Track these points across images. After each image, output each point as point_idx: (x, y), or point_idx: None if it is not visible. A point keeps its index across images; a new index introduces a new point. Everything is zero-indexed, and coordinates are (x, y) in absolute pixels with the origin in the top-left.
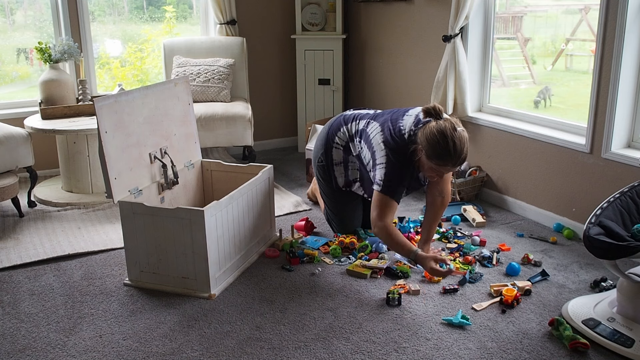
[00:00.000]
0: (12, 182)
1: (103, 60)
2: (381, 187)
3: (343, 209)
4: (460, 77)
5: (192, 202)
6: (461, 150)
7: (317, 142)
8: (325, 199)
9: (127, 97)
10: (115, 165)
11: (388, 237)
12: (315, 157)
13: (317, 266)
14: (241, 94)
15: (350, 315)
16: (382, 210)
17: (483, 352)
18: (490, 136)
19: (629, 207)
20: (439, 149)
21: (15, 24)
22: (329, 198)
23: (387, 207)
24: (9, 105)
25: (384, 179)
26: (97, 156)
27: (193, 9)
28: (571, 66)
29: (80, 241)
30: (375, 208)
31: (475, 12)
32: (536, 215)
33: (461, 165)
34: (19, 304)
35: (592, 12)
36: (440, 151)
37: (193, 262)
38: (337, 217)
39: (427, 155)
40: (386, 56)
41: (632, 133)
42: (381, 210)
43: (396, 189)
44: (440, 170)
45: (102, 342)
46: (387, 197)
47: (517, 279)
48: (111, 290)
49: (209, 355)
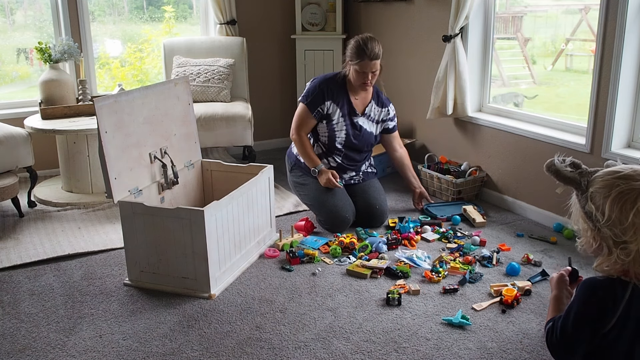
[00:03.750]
0: (12, 182)
1: (103, 61)
2: (302, 98)
3: (325, 200)
4: (460, 77)
5: (192, 202)
6: (372, 46)
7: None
8: (307, 199)
9: (127, 97)
10: (115, 165)
11: (300, 147)
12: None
13: (317, 266)
14: (241, 94)
15: (350, 315)
16: (299, 124)
17: (483, 352)
18: (490, 136)
19: None
20: (355, 48)
21: (15, 24)
22: (308, 196)
23: (304, 120)
24: (9, 105)
25: (306, 93)
26: (97, 156)
27: (193, 9)
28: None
29: (80, 241)
30: (295, 120)
31: (475, 12)
32: (536, 215)
33: (376, 59)
34: (19, 304)
35: (592, 12)
36: (355, 50)
37: (193, 262)
38: (324, 210)
39: (350, 59)
40: (386, 56)
41: (632, 133)
42: (299, 123)
43: (316, 102)
44: (363, 68)
45: (102, 342)
46: (306, 108)
47: (517, 279)
48: (111, 290)
49: (209, 355)
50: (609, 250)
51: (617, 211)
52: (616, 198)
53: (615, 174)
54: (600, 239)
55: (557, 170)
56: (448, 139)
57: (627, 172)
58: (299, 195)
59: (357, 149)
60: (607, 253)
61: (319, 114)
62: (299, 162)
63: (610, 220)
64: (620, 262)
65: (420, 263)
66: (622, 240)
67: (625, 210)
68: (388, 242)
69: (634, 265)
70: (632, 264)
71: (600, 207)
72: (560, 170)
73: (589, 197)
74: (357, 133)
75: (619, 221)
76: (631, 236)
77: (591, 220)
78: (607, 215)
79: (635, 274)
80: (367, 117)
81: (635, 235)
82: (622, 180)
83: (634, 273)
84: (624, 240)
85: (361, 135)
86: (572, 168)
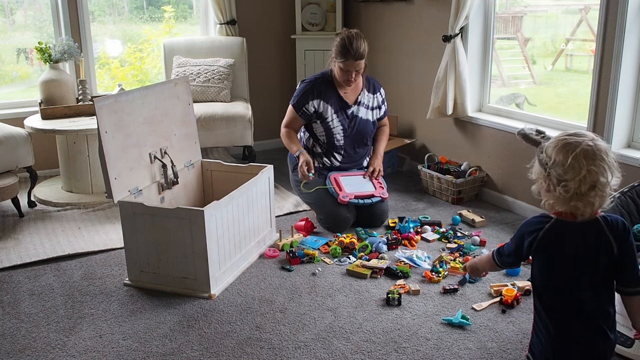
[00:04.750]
0: (12, 182)
1: (103, 61)
2: (291, 100)
3: (325, 200)
4: (460, 77)
5: (192, 202)
6: (357, 45)
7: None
8: (308, 198)
9: (127, 97)
10: (115, 165)
11: (285, 138)
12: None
13: (317, 266)
14: (241, 94)
15: (350, 315)
16: (287, 123)
17: (483, 352)
18: (490, 136)
19: (629, 207)
20: (340, 46)
21: (15, 24)
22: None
23: (292, 120)
24: (9, 105)
25: (294, 95)
26: (97, 156)
27: (193, 9)
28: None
29: (80, 241)
30: (285, 117)
31: (475, 12)
32: None
33: (361, 59)
34: (19, 304)
35: (592, 12)
36: (341, 48)
37: (193, 262)
38: (324, 210)
39: (335, 56)
40: (386, 56)
41: (632, 133)
42: (287, 122)
43: (301, 103)
44: (347, 67)
45: (102, 342)
46: (293, 109)
47: (517, 279)
48: (111, 290)
49: (209, 355)
50: (554, 187)
51: (561, 156)
52: (561, 147)
53: (565, 133)
54: (549, 180)
55: (525, 134)
56: (448, 139)
57: (573, 132)
58: (300, 194)
59: (357, 141)
60: (552, 190)
61: (305, 114)
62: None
63: (555, 163)
64: (562, 198)
65: (420, 263)
66: (563, 178)
67: (566, 155)
68: (388, 242)
69: (572, 200)
70: (571, 200)
71: (549, 154)
72: (527, 134)
73: (544, 149)
74: (352, 124)
75: (561, 164)
76: (570, 176)
77: (543, 167)
78: (552, 159)
79: (572, 209)
80: (361, 104)
81: (573, 176)
82: (568, 136)
83: (572, 208)
84: (565, 178)
85: (357, 124)
86: (537, 133)
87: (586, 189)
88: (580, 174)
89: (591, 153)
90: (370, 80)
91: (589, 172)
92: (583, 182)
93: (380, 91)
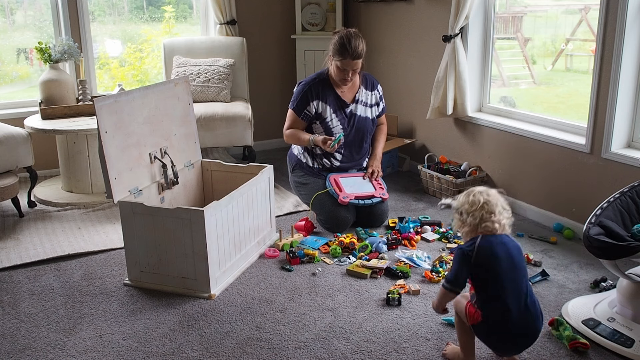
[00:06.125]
0: (12, 182)
1: (103, 61)
2: (290, 103)
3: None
4: (460, 77)
5: (192, 202)
6: (356, 45)
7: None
8: (308, 199)
9: (127, 97)
10: (115, 165)
11: (291, 137)
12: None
13: (317, 266)
14: (241, 94)
15: (350, 315)
16: (289, 125)
17: (483, 352)
18: (490, 136)
19: (629, 207)
20: (338, 45)
21: (15, 24)
22: (309, 196)
23: (294, 123)
24: (9, 105)
25: (293, 98)
26: (97, 156)
27: (193, 9)
28: (571, 66)
29: (80, 241)
30: (286, 123)
31: (475, 12)
32: (536, 215)
33: (359, 59)
34: (19, 304)
35: (592, 12)
36: (339, 46)
37: (193, 262)
38: (324, 210)
39: (332, 55)
40: (386, 56)
41: (632, 133)
42: (289, 125)
43: (301, 106)
44: (344, 66)
45: (102, 342)
46: (294, 112)
47: None
48: (111, 290)
49: (209, 355)
50: (465, 224)
51: (467, 205)
52: (466, 200)
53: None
54: (462, 221)
55: (449, 204)
56: (448, 139)
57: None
58: (300, 195)
59: (356, 140)
60: (467, 227)
61: (306, 116)
62: (300, 163)
63: (464, 209)
64: (472, 227)
65: (420, 263)
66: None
67: (469, 203)
68: (388, 242)
69: (478, 228)
70: (477, 227)
71: (462, 206)
72: (449, 204)
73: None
74: (352, 123)
75: (466, 209)
76: (471, 214)
77: (459, 215)
78: (462, 208)
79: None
80: (359, 102)
81: (473, 213)
82: (470, 194)
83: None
84: (470, 216)
85: (356, 123)
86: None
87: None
88: None
89: (484, 192)
90: (368, 77)
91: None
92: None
93: (378, 88)
